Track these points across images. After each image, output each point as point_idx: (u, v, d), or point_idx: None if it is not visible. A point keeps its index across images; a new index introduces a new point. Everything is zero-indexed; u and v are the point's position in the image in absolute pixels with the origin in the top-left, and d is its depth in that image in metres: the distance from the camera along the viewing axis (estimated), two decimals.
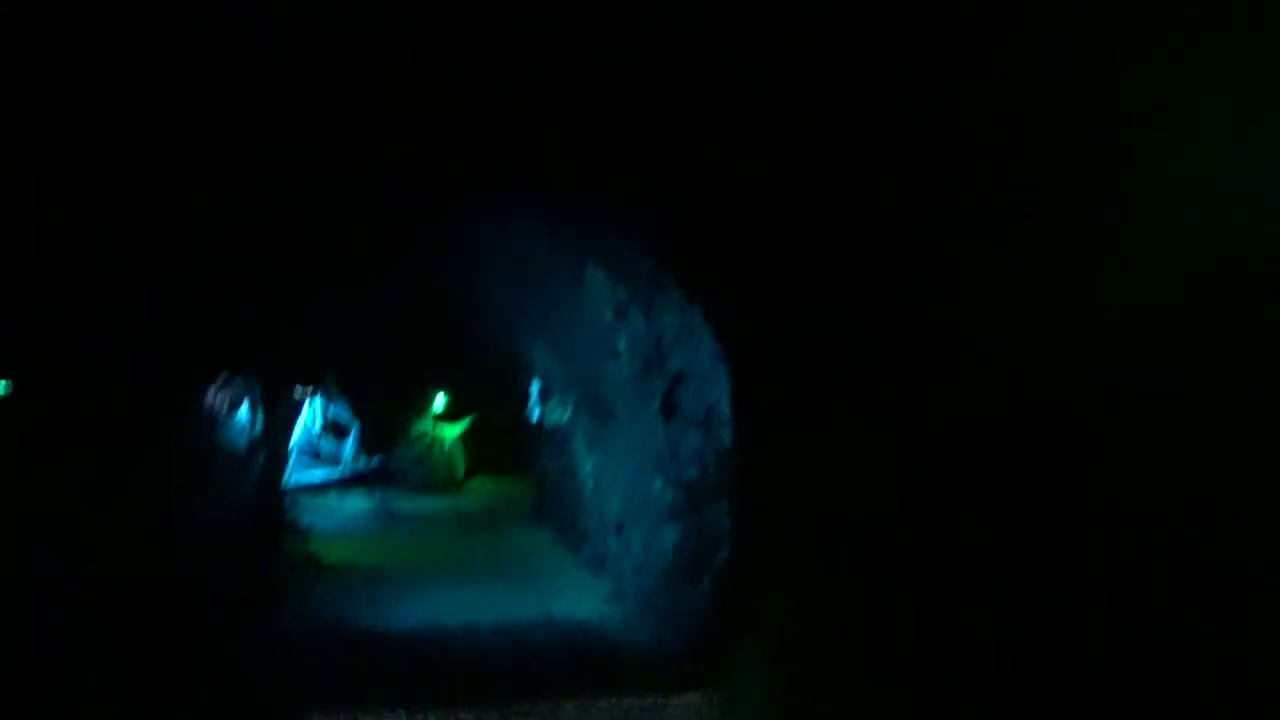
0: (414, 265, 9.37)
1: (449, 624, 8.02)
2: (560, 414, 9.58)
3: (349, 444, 16.51)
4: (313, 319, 10.77)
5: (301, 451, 16.06)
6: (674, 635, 7.63)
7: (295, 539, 11.55)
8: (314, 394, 15.99)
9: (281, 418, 10.60)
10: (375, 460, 16.56)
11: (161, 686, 6.12)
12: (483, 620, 8.12)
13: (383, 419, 17.04)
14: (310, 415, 16.19)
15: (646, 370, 8.91)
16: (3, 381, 5.15)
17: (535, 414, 9.32)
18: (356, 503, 15.55)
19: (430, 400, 17.98)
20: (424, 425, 17.67)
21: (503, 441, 18.86)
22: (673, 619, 7.94)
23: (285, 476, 14.97)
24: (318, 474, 16.14)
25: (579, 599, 8.92)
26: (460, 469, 17.85)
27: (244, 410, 8.33)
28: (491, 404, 18.01)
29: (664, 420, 8.84)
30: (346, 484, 16.25)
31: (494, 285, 9.78)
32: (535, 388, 9.17)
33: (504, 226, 8.65)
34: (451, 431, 17.85)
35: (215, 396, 7.88)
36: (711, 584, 8.01)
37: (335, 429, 16.67)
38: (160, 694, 6.05)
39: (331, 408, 16.42)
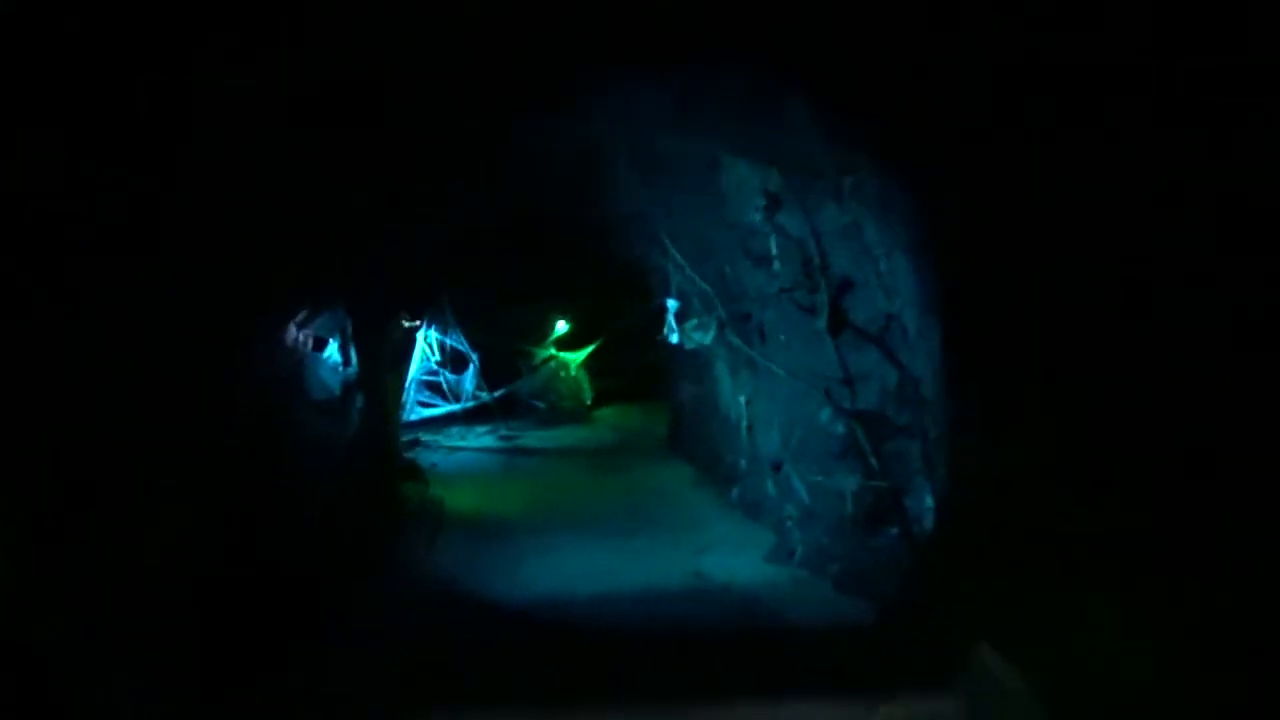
0: (520, 165, 7.85)
1: (582, 592, 6.70)
2: (702, 335, 8.02)
3: (469, 375, 15.45)
4: (413, 238, 9.48)
5: (420, 385, 15.14)
6: (862, 608, 6.06)
7: (414, 484, 10.54)
8: (429, 325, 14.96)
9: (387, 353, 9.44)
10: (498, 392, 15.49)
11: (243, 674, 5.03)
12: (622, 587, 6.77)
13: (504, 348, 15.92)
14: (426, 347, 15.19)
15: (806, 276, 7.18)
16: None
17: (674, 337, 7.79)
18: (480, 438, 14.57)
19: (552, 326, 16.73)
20: (547, 352, 16.48)
21: (632, 366, 17.54)
22: (857, 585, 6.37)
23: (404, 414, 14.11)
24: (439, 409, 15.22)
25: (734, 556, 7.45)
26: (588, 397, 16.64)
27: (334, 348, 7.10)
28: (617, 326, 16.64)
29: (831, 337, 7.13)
30: (469, 418, 15.29)
31: (614, 183, 8.17)
32: (672, 306, 7.62)
33: (625, 107, 6.98)
34: (576, 358, 16.60)
35: (297, 335, 6.66)
36: (907, 543, 6.37)
37: (455, 360, 15.64)
38: (241, 684, 4.95)
39: (449, 338, 15.36)
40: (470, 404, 15.41)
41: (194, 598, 4.92)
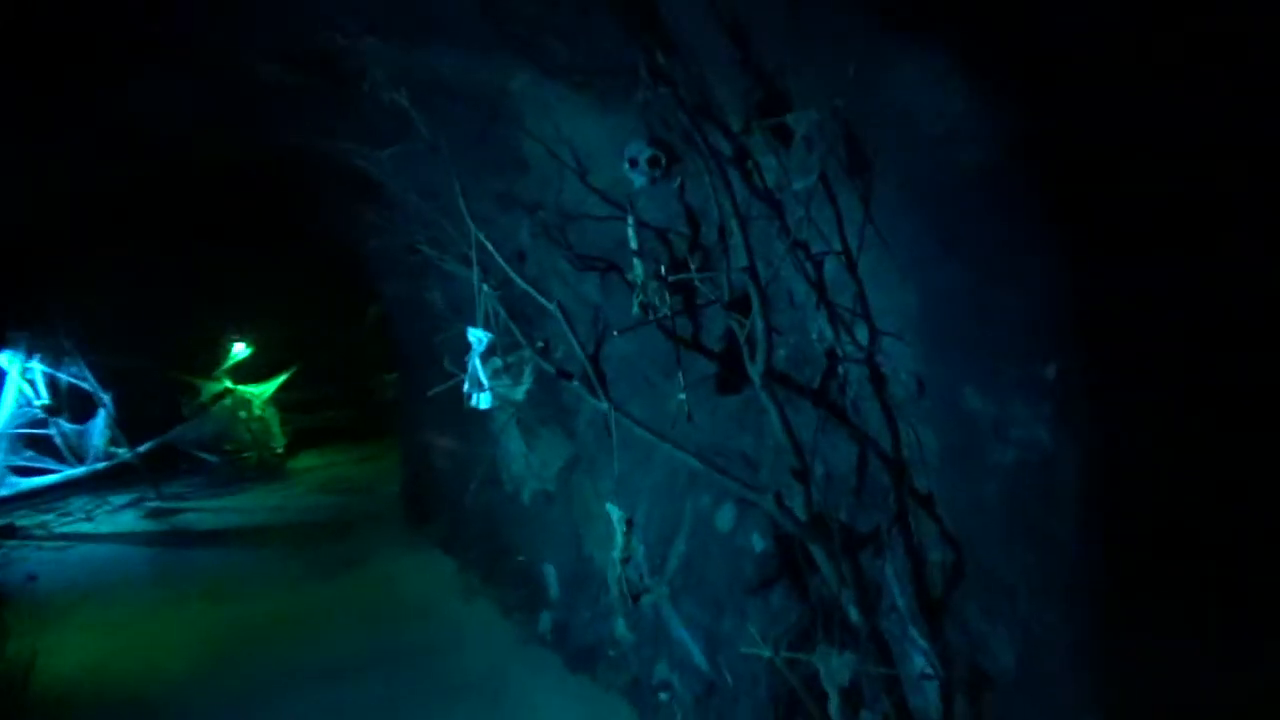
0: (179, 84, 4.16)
1: None
2: (509, 386, 4.81)
3: (99, 424, 10.72)
4: None
5: (17, 443, 10.20)
6: None
7: None
8: (28, 354, 10.13)
9: None
10: (146, 445, 10.93)
11: None
12: None
13: (154, 381, 11.33)
14: (26, 385, 10.26)
15: (705, 285, 4.27)
16: None
17: (482, 399, 4.53)
18: (116, 516, 10.07)
19: (226, 348, 12.38)
20: (220, 386, 12.11)
21: (342, 397, 13.71)
22: None
23: None
24: (51, 476, 10.36)
25: None
26: (279, 443, 12.49)
27: None
28: (322, 344, 12.75)
29: (741, 388, 4.29)
30: (101, 484, 10.64)
31: (362, 131, 4.73)
32: (479, 339, 4.37)
33: None
34: (263, 391, 12.39)
35: None
36: None
37: (76, 403, 10.83)
38: None
39: (64, 372, 10.55)
40: (102, 465, 10.73)
41: None
